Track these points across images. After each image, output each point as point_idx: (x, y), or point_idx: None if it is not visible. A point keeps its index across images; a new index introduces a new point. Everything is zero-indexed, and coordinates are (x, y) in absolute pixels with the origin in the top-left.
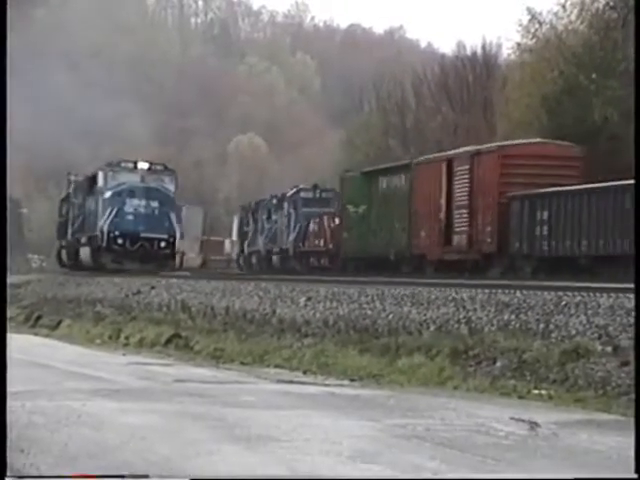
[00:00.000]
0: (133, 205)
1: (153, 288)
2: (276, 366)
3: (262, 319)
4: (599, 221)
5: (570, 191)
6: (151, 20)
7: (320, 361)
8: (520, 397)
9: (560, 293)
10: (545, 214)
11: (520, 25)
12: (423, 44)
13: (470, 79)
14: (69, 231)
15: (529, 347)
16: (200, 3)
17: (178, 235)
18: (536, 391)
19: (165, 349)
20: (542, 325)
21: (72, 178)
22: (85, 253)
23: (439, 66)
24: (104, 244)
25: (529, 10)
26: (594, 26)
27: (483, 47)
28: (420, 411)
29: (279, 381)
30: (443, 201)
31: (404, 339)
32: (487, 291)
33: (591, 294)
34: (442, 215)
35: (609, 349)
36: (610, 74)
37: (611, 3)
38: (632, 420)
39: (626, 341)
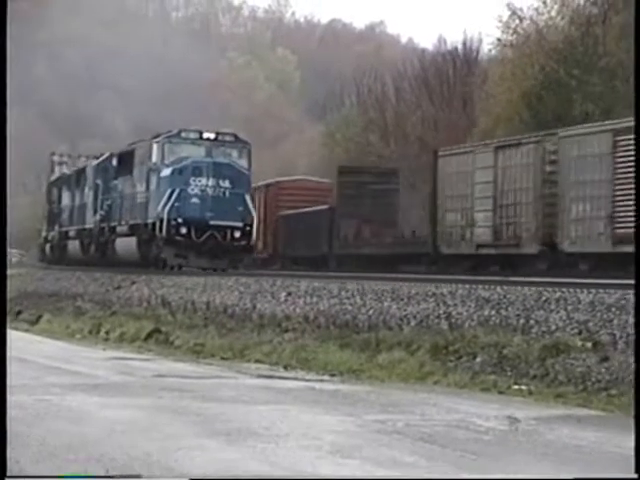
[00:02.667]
0: (199, 185)
1: (134, 283)
2: (256, 361)
3: (242, 314)
4: (306, 233)
5: (293, 213)
6: (133, 14)
7: (300, 356)
8: (500, 392)
9: (540, 288)
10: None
11: (500, 21)
12: (404, 39)
13: (450, 74)
14: (90, 219)
15: (509, 342)
16: None
17: (255, 222)
18: (516, 386)
19: (145, 344)
20: (522, 321)
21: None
22: (126, 245)
23: (419, 61)
24: (163, 234)
25: (509, 6)
26: (575, 22)
27: (464, 42)
28: (400, 406)
29: (259, 376)
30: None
31: (384, 334)
32: (467, 286)
33: (571, 290)
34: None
35: (589, 345)
36: (591, 70)
37: None
38: (612, 415)
39: (606, 337)
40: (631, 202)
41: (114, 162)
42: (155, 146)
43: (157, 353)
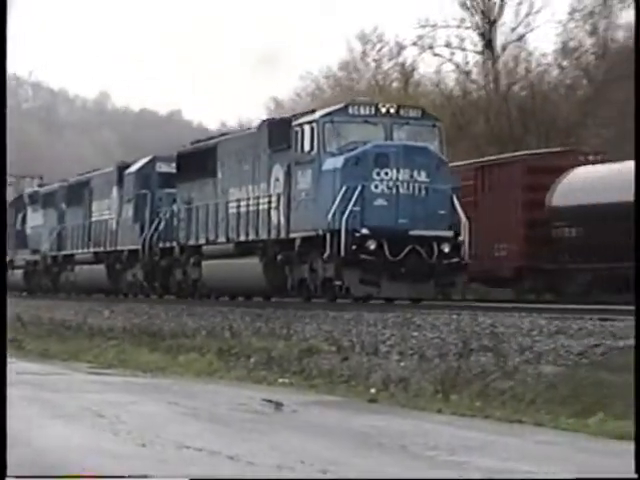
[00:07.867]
0: (386, 180)
1: None
2: (88, 361)
3: (77, 327)
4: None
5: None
6: None
7: (120, 358)
8: (269, 384)
9: (298, 307)
10: None
11: (267, 108)
12: (195, 123)
13: None
14: (133, 239)
15: (275, 347)
16: (30, 92)
17: (466, 230)
18: (281, 380)
19: None
20: (285, 331)
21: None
22: (238, 269)
23: None
24: (341, 252)
25: (274, 99)
26: None
27: (239, 125)
28: (195, 394)
29: (90, 372)
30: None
31: (183, 341)
32: (245, 306)
33: (320, 309)
34: None
35: (334, 348)
36: None
37: None
38: (350, 400)
39: (346, 342)
40: None
41: (159, 168)
42: (308, 128)
43: (14, 356)
